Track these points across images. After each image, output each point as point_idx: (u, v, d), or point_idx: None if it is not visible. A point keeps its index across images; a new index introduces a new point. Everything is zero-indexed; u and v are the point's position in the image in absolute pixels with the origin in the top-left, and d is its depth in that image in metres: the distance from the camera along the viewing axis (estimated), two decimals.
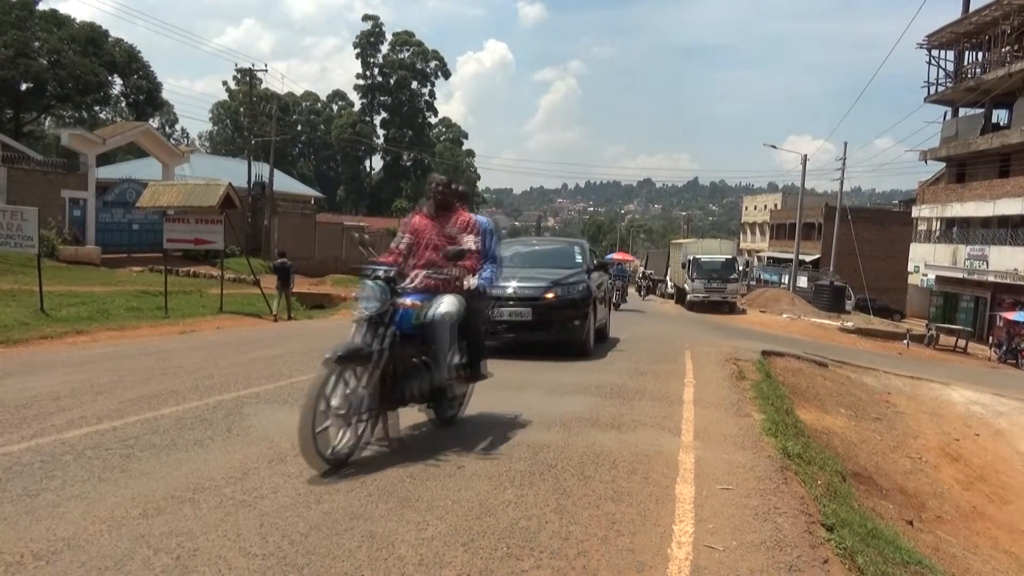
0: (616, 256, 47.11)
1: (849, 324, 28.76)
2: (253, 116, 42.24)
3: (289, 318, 17.34)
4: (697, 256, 32.08)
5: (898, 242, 42.88)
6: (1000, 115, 34.31)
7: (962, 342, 27.49)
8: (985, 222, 32.30)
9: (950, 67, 35.57)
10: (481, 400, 6.46)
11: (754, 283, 47.80)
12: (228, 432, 4.90)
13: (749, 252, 64.04)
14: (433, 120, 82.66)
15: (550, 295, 9.30)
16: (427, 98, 79.99)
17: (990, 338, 28.54)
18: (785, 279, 43.34)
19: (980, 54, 33.66)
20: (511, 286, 9.13)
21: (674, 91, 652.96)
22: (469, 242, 5.04)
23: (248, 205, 33.06)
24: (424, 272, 4.99)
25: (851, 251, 38.13)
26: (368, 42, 77.19)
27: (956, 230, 34.49)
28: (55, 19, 41.99)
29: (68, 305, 14.29)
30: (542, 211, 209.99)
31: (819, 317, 30.69)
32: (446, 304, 4.72)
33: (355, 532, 3.18)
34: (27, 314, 12.55)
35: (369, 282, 4.38)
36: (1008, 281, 29.30)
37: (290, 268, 17.96)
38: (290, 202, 41.75)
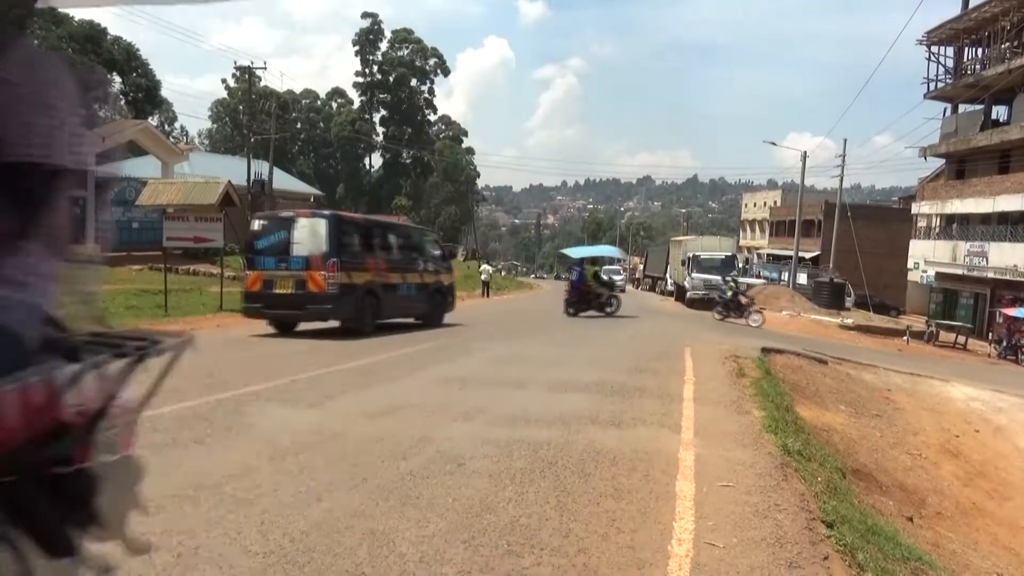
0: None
1: (849, 321, 28.75)
2: (252, 114, 42.21)
3: None
4: (697, 253, 32.08)
5: (898, 239, 42.82)
6: (1000, 111, 34.23)
7: (962, 338, 27.47)
8: (985, 218, 32.26)
9: (950, 63, 35.51)
10: (481, 395, 6.47)
11: (760, 281, 47.73)
12: (228, 430, 4.91)
13: (749, 249, 63.99)
14: (432, 118, 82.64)
15: None
16: (426, 95, 79.96)
17: (990, 334, 28.53)
18: (785, 276, 43.33)
19: (980, 50, 33.58)
20: None
21: (674, 88, 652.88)
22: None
23: (248, 203, 32.99)
24: None
25: (851, 248, 38.08)
26: (367, 40, 77.09)
27: (956, 227, 34.45)
28: (54, 17, 41.88)
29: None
30: (542, 208, 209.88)
31: (819, 314, 30.67)
32: None
33: (356, 530, 3.19)
34: None
35: None
36: (1008, 277, 29.26)
37: None
38: (290, 200, 41.65)
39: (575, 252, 24.79)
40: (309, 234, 11.44)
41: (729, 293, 22.46)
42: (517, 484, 3.93)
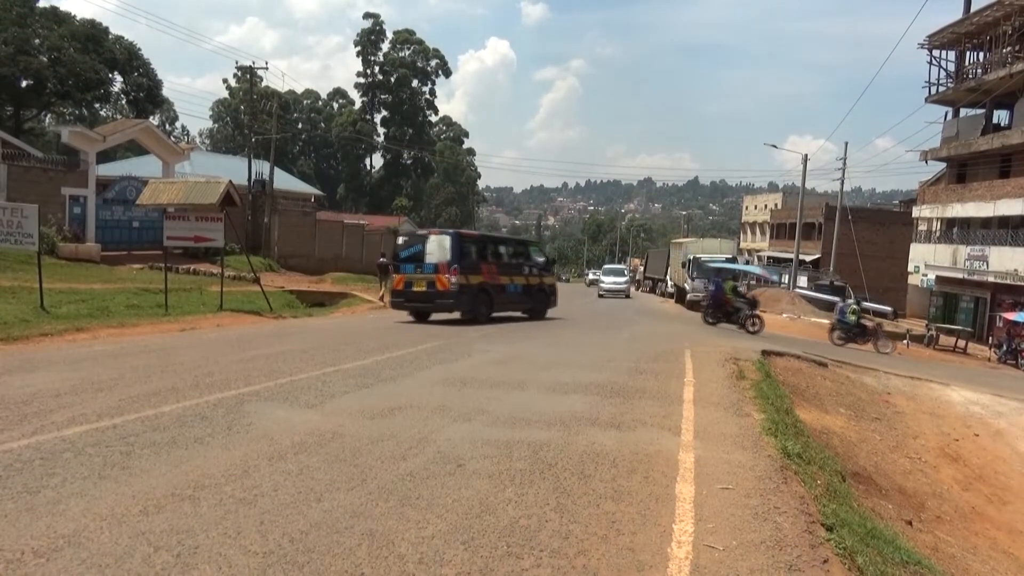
0: None
1: None
2: (253, 114, 42.21)
3: (382, 300, 22.41)
4: (697, 256, 32.10)
5: (898, 242, 42.81)
6: (1001, 115, 34.23)
7: (962, 342, 27.48)
8: (985, 223, 32.26)
9: (951, 67, 35.50)
10: (481, 396, 6.47)
11: (754, 283, 47.74)
12: (228, 430, 4.91)
13: (749, 252, 63.99)
14: (433, 118, 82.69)
15: None
16: (427, 96, 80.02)
17: (990, 339, 28.52)
18: (785, 279, 43.32)
19: (981, 54, 33.58)
20: None
21: (675, 90, 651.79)
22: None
23: (248, 203, 33.05)
24: None
25: (851, 251, 38.15)
26: (369, 40, 77.15)
27: (956, 230, 34.43)
28: (55, 16, 41.89)
29: (68, 302, 14.29)
30: (542, 210, 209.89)
31: (819, 317, 30.65)
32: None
33: (355, 530, 3.19)
34: (27, 311, 12.54)
35: None
36: (1008, 282, 29.24)
37: (388, 265, 24.96)
38: (290, 200, 41.73)
39: (713, 263, 25.07)
40: (437, 247, 15.07)
41: (853, 317, 20.43)
42: (517, 485, 3.93)
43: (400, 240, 16.70)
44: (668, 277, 40.97)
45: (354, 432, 4.97)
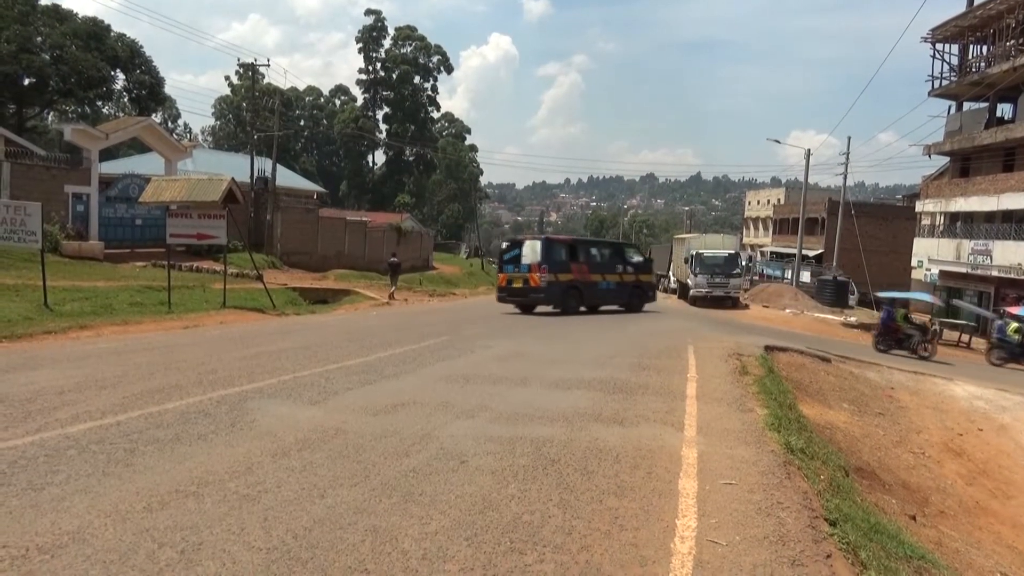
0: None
1: (852, 319, 28.69)
2: (256, 111, 42.18)
3: (392, 299, 24.05)
4: (700, 251, 32.03)
5: (901, 237, 42.71)
6: (1004, 109, 34.05)
7: (965, 337, 27.40)
8: (989, 217, 32.13)
9: (954, 61, 35.31)
10: (484, 392, 6.47)
11: (757, 278, 47.70)
12: (232, 427, 4.92)
13: (752, 247, 63.89)
14: (436, 115, 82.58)
15: None
16: (429, 93, 79.90)
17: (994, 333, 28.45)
18: (788, 274, 43.23)
19: (985, 48, 33.40)
20: None
21: (677, 86, 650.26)
22: None
23: (251, 200, 33.07)
24: None
25: (854, 246, 38.06)
26: (371, 37, 77.03)
27: (960, 225, 34.30)
28: (57, 14, 41.86)
29: (71, 300, 14.32)
30: (545, 206, 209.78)
31: (822, 312, 30.62)
32: None
33: (359, 526, 3.19)
34: (31, 309, 12.58)
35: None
36: (1012, 276, 29.14)
37: (399, 264, 26.94)
38: (293, 197, 41.71)
39: (888, 295, 25.00)
40: (531, 250, 18.12)
41: (1016, 336, 18.85)
42: (520, 481, 3.94)
43: (504, 245, 20.33)
44: (671, 273, 40.90)
45: (357, 429, 4.98)
